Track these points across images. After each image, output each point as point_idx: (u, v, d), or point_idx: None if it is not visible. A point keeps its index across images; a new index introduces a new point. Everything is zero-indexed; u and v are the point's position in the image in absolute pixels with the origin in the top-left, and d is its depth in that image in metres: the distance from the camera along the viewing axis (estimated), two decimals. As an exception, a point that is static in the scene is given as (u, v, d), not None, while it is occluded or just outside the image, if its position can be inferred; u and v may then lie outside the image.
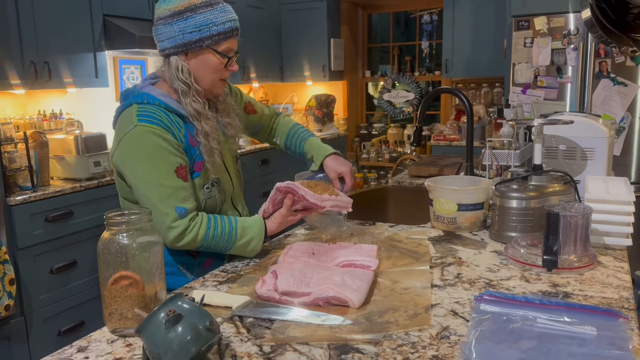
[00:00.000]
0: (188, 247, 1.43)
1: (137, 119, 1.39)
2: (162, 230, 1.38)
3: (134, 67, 4.06)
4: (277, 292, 1.19)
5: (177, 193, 1.40)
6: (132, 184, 1.42)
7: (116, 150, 1.43)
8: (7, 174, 2.63)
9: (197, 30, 1.42)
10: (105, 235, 1.04)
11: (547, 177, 1.61)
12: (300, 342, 1.00)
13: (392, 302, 1.17)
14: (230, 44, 1.48)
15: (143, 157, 1.38)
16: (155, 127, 1.39)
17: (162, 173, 1.39)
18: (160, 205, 1.38)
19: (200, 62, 1.46)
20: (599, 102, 3.75)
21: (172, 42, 1.44)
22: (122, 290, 1.03)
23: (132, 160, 1.40)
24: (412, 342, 1.00)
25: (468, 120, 2.04)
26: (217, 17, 1.43)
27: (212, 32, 1.43)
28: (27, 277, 2.66)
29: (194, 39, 1.43)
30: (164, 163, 1.39)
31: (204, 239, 1.42)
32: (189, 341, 0.88)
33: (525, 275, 1.32)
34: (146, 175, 1.38)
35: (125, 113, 1.44)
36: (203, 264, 1.54)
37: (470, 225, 1.69)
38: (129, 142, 1.40)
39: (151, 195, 1.39)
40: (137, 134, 1.39)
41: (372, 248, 1.45)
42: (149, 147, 1.38)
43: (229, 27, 1.45)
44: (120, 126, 1.44)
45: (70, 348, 1.01)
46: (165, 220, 1.38)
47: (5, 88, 2.86)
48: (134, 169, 1.40)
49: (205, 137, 1.47)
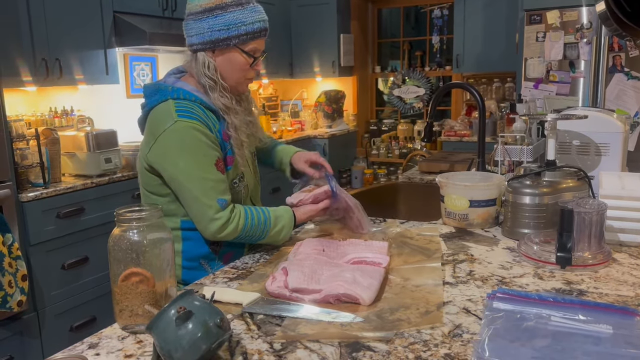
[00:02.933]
0: (228, 237, 1.45)
1: (176, 115, 1.40)
2: (204, 222, 1.42)
3: (144, 64, 4.07)
4: (287, 289, 1.19)
5: (218, 186, 1.43)
6: (174, 178, 1.42)
7: (154, 146, 1.42)
8: (19, 170, 2.65)
9: (225, 28, 1.42)
10: (116, 232, 1.04)
11: (561, 172, 1.59)
12: (311, 340, 1.00)
13: (404, 299, 1.16)
14: (257, 44, 1.48)
15: (186, 151, 1.40)
16: (195, 123, 1.41)
17: (204, 167, 1.41)
18: (203, 198, 1.40)
19: (227, 60, 1.47)
20: (613, 97, 3.71)
21: (200, 39, 1.44)
22: (132, 286, 1.03)
23: (174, 155, 1.40)
24: (424, 340, 0.99)
25: (480, 116, 2.02)
26: (247, 17, 1.43)
27: (240, 31, 1.43)
28: (39, 273, 2.68)
29: (222, 37, 1.43)
30: (206, 157, 1.42)
31: (244, 229, 1.45)
32: (199, 338, 0.87)
33: (538, 273, 1.31)
34: (190, 169, 1.40)
35: (161, 108, 1.44)
36: (223, 258, 1.55)
37: (482, 221, 1.67)
38: (171, 137, 1.40)
39: (194, 188, 1.40)
40: (178, 129, 1.39)
41: (382, 245, 1.44)
42: (191, 142, 1.40)
43: (257, 28, 1.45)
44: (156, 122, 1.44)
45: (82, 345, 1.01)
46: (208, 212, 1.41)
47: (17, 85, 2.88)
48: (176, 163, 1.40)
49: (235, 131, 1.49)
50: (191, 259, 1.52)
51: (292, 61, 5.42)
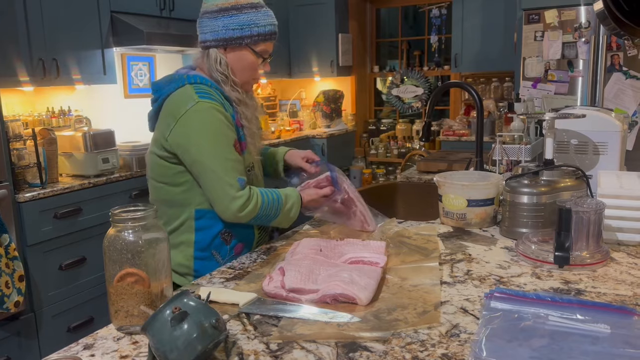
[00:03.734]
0: (247, 217, 1.47)
1: (197, 96, 1.45)
2: (226, 201, 1.44)
3: (142, 64, 4.06)
4: (284, 289, 1.18)
5: (237, 165, 1.48)
6: (196, 159, 1.45)
7: (175, 128, 1.45)
8: (16, 171, 2.64)
9: (239, 28, 1.50)
10: (111, 232, 1.03)
11: (559, 172, 1.59)
12: (308, 340, 0.99)
13: (401, 299, 1.16)
14: (267, 45, 1.56)
15: (209, 132, 1.44)
16: (215, 104, 1.47)
17: (226, 147, 1.46)
18: (226, 177, 1.44)
19: (237, 58, 1.53)
20: (611, 96, 3.70)
21: (214, 36, 1.51)
22: (128, 287, 1.02)
23: (197, 135, 1.44)
24: (421, 340, 0.98)
25: (478, 115, 2.01)
26: (260, 19, 1.51)
27: (252, 32, 1.51)
28: (36, 274, 2.67)
29: (235, 36, 1.50)
30: (226, 137, 1.47)
31: (262, 207, 1.49)
32: (194, 339, 0.87)
33: (536, 272, 1.30)
34: (213, 148, 1.44)
35: (180, 92, 1.48)
36: (235, 249, 1.58)
37: (480, 221, 1.67)
38: (193, 118, 1.44)
39: (217, 167, 1.44)
40: (200, 109, 1.44)
41: (380, 245, 1.44)
42: (213, 122, 1.45)
43: (269, 30, 1.53)
44: (176, 104, 1.47)
45: (77, 345, 1.00)
46: (230, 191, 1.44)
47: (14, 85, 2.87)
48: (200, 143, 1.44)
49: (248, 121, 1.56)
50: (203, 249, 1.55)
51: (291, 61, 5.42)
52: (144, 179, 3.20)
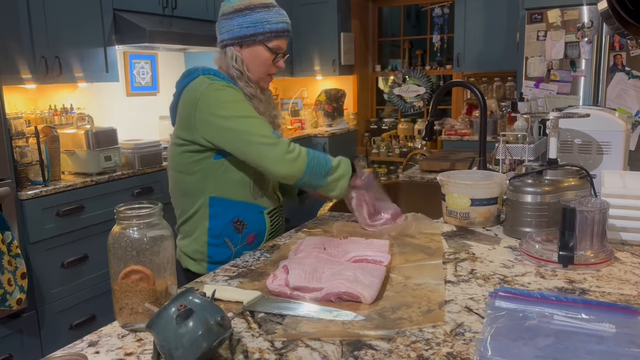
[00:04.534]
0: (300, 164, 1.50)
1: (210, 80, 1.55)
2: (271, 152, 1.48)
3: (144, 62, 4.06)
4: (288, 287, 1.18)
5: (267, 124, 1.55)
6: (226, 127, 1.50)
7: (196, 112, 1.52)
8: (18, 168, 2.64)
9: (252, 25, 1.58)
10: (116, 229, 1.03)
11: (563, 171, 1.59)
12: (312, 338, 0.99)
13: (405, 298, 1.15)
14: (280, 42, 1.63)
15: (227, 102, 1.52)
16: (226, 82, 1.57)
17: (248, 109, 1.55)
18: (260, 131, 1.50)
19: (253, 55, 1.61)
20: (614, 96, 3.70)
21: (229, 35, 1.61)
22: (132, 284, 1.02)
23: (217, 110, 1.51)
24: (426, 338, 0.98)
25: (481, 114, 2.01)
26: (272, 17, 1.60)
27: (265, 29, 1.59)
28: (38, 271, 2.67)
29: (249, 33, 1.59)
30: (247, 104, 1.56)
31: (308, 154, 1.53)
32: (199, 336, 0.86)
33: (540, 272, 1.30)
34: (238, 112, 1.52)
35: (194, 82, 1.57)
36: (247, 238, 1.64)
37: (484, 220, 1.67)
38: (210, 96, 1.52)
39: (248, 127, 1.50)
40: (214, 88, 1.53)
41: (384, 243, 1.44)
42: (230, 93, 1.54)
43: (280, 28, 1.61)
44: (192, 92, 1.55)
45: (81, 342, 1.00)
46: (269, 140, 1.50)
47: (16, 83, 2.87)
48: (222, 115, 1.51)
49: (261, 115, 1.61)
50: (216, 236, 1.62)
51: (293, 60, 5.41)
52: (146, 177, 3.22)
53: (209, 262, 1.63)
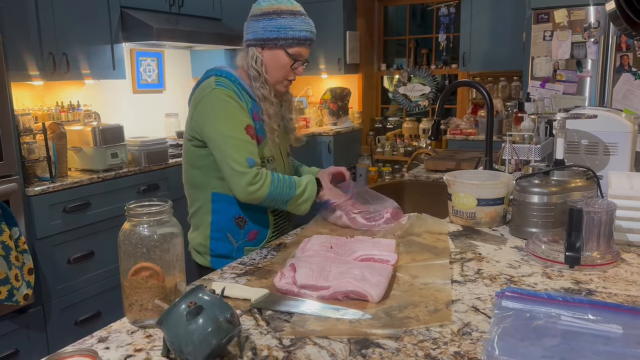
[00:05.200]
0: (258, 194, 1.57)
1: (215, 85, 1.62)
2: (234, 177, 1.57)
3: (151, 60, 4.07)
4: (295, 285, 1.19)
5: (247, 146, 1.59)
6: (211, 139, 1.60)
7: (195, 113, 1.63)
8: (26, 164, 2.66)
9: (276, 30, 1.63)
10: (126, 226, 1.04)
11: (569, 172, 1.59)
12: (320, 336, 1.00)
13: (412, 297, 1.16)
14: (301, 50, 1.67)
15: (221, 113, 1.59)
16: (230, 92, 1.61)
17: (236, 128, 1.59)
18: (233, 154, 1.56)
19: (273, 58, 1.66)
20: (620, 97, 3.69)
21: (253, 36, 1.66)
22: (142, 281, 1.03)
23: (211, 116, 1.59)
24: (433, 337, 0.99)
25: (488, 114, 2.01)
26: (296, 25, 1.64)
27: (288, 35, 1.63)
28: (45, 267, 2.69)
29: (272, 37, 1.64)
30: (237, 120, 1.60)
31: (272, 183, 1.59)
32: (209, 333, 0.87)
33: (546, 272, 1.30)
34: (223, 128, 1.58)
35: (204, 83, 1.66)
36: (248, 235, 1.69)
37: (490, 220, 1.67)
38: (208, 102, 1.60)
39: (226, 146, 1.57)
40: (215, 94, 1.60)
41: (390, 242, 1.44)
42: (225, 105, 1.59)
43: (303, 36, 1.65)
44: (198, 93, 1.65)
45: (91, 338, 1.01)
46: (236, 167, 1.56)
47: (24, 79, 2.88)
48: (214, 124, 1.59)
49: (269, 118, 1.67)
50: (219, 230, 1.68)
51: (298, 58, 5.41)
52: (153, 174, 3.24)
53: (211, 256, 1.69)
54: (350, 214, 1.68)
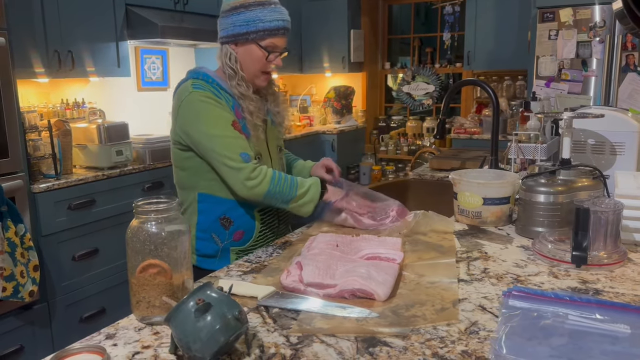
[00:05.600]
0: (258, 190, 1.54)
1: (192, 88, 1.59)
2: (232, 174, 1.54)
3: (155, 57, 4.07)
4: (302, 283, 1.19)
5: (237, 142, 1.56)
6: (198, 142, 1.57)
7: (177, 118, 1.60)
8: (31, 161, 2.66)
9: (245, 24, 1.58)
10: (134, 223, 1.04)
11: (576, 171, 1.59)
12: (327, 334, 1.00)
13: (419, 295, 1.16)
14: (275, 40, 1.62)
15: (202, 115, 1.56)
16: (207, 93, 1.58)
17: (222, 126, 1.56)
18: (226, 152, 1.54)
19: (247, 53, 1.62)
20: (625, 97, 3.68)
21: (225, 33, 1.62)
22: (150, 278, 1.03)
23: (194, 121, 1.56)
24: (440, 336, 0.99)
25: (494, 114, 2.01)
26: (266, 16, 1.58)
27: (258, 27, 1.58)
28: (50, 264, 2.70)
29: (242, 32, 1.59)
30: (222, 118, 1.57)
31: (272, 180, 1.56)
32: (217, 330, 0.87)
33: (553, 271, 1.30)
34: (209, 130, 1.55)
35: (182, 86, 1.63)
36: (234, 235, 1.66)
37: (496, 219, 1.67)
38: (188, 107, 1.57)
39: (216, 146, 1.54)
40: (192, 99, 1.57)
41: (396, 241, 1.44)
42: (206, 107, 1.56)
43: (274, 26, 1.60)
44: (177, 97, 1.62)
45: (99, 335, 1.02)
46: (232, 164, 1.53)
47: (29, 76, 2.89)
48: (198, 128, 1.56)
49: (250, 115, 1.63)
50: (204, 230, 1.66)
51: (302, 56, 5.41)
52: (157, 171, 3.24)
53: (197, 255, 1.67)
54: (355, 215, 1.67)
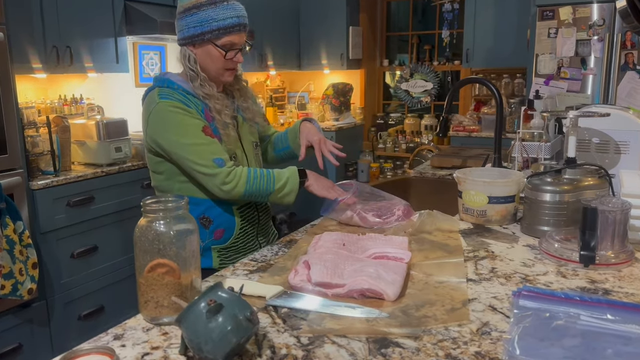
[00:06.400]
0: (236, 192, 1.57)
1: (158, 98, 1.57)
2: (207, 181, 1.56)
3: (153, 53, 4.04)
4: (310, 283, 1.18)
5: (210, 148, 1.57)
6: (170, 151, 1.57)
7: (147, 128, 1.60)
8: (29, 158, 2.64)
9: (199, 24, 1.57)
10: (142, 222, 1.03)
11: (581, 170, 1.58)
12: (338, 335, 0.99)
13: (428, 295, 1.15)
14: (232, 38, 1.60)
15: (171, 125, 1.55)
16: (174, 102, 1.57)
17: (192, 134, 1.56)
18: (199, 160, 1.55)
19: (205, 54, 1.61)
20: (624, 95, 3.68)
21: (181, 35, 1.62)
22: (158, 278, 1.02)
23: (163, 131, 1.56)
24: (452, 337, 0.98)
25: (498, 112, 2.00)
26: (218, 14, 1.56)
27: (212, 27, 1.56)
28: (48, 262, 2.67)
29: (197, 33, 1.58)
30: (191, 126, 1.56)
31: (248, 181, 1.57)
32: (229, 331, 0.86)
33: (561, 271, 1.30)
34: (179, 139, 1.55)
35: (149, 96, 1.63)
36: (214, 234, 1.67)
37: (501, 218, 1.66)
38: (156, 117, 1.57)
39: (189, 154, 1.55)
40: (160, 109, 1.56)
41: (403, 240, 1.43)
42: (173, 117, 1.56)
43: (228, 24, 1.58)
44: (145, 107, 1.62)
45: (106, 335, 1.00)
46: (206, 170, 1.55)
47: (27, 72, 2.86)
48: (167, 138, 1.56)
49: (218, 113, 1.63)
50: None
51: (300, 53, 5.39)
52: (156, 168, 3.20)
53: None
54: (361, 213, 1.66)
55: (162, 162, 1.63)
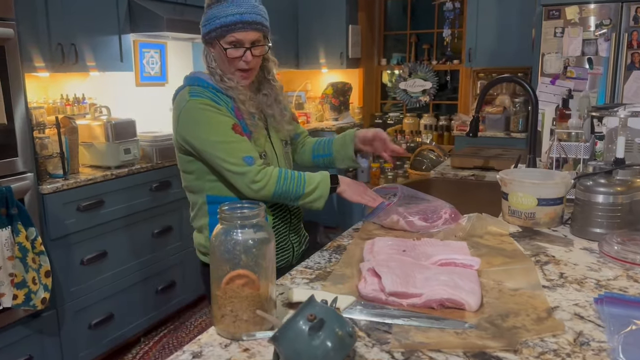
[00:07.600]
0: (266, 191, 1.51)
1: (189, 96, 1.54)
2: (236, 179, 1.51)
3: (154, 51, 3.94)
4: (383, 293, 1.12)
5: (240, 145, 1.52)
6: (201, 149, 1.53)
7: (178, 127, 1.56)
8: (38, 161, 2.52)
9: (207, 23, 1.54)
10: (219, 230, 0.96)
11: (632, 171, 1.55)
12: (432, 349, 0.93)
13: (507, 304, 1.10)
14: (239, 35, 1.52)
15: (202, 123, 1.51)
16: (205, 100, 1.53)
17: (222, 132, 1.51)
18: (229, 158, 1.50)
19: (217, 52, 1.57)
20: (631, 94, 3.70)
21: (201, 33, 1.59)
22: (238, 290, 0.95)
23: (194, 129, 1.52)
24: (552, 349, 0.93)
25: (533, 112, 1.97)
26: (221, 12, 1.50)
27: (216, 25, 1.52)
28: (59, 269, 2.56)
29: (206, 31, 1.56)
30: (221, 124, 1.52)
31: (278, 181, 1.52)
32: (331, 349, 0.80)
33: (631, 275, 1.26)
34: (210, 137, 1.51)
35: (180, 94, 1.59)
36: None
37: (550, 220, 1.62)
38: (187, 115, 1.53)
39: (219, 152, 1.50)
40: (190, 107, 1.53)
41: (462, 245, 1.38)
42: (204, 115, 1.51)
43: (230, 20, 1.50)
44: (176, 106, 1.58)
45: (183, 354, 0.93)
46: (236, 169, 1.50)
47: (30, 71, 2.73)
48: (198, 136, 1.52)
49: (242, 104, 1.58)
50: None
51: (298, 52, 5.32)
52: (165, 170, 3.12)
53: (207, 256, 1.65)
54: (407, 216, 1.61)
55: (192, 161, 1.58)
